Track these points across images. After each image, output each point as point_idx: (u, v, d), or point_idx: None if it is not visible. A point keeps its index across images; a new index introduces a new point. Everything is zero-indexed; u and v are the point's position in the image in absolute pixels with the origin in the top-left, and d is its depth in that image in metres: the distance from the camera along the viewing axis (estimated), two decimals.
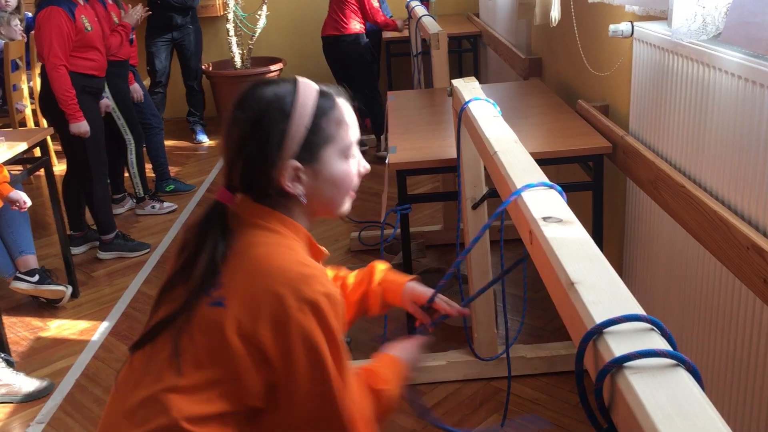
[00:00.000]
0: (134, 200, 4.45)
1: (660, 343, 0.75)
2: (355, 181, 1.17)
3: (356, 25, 4.89)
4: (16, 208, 2.86)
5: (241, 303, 1.04)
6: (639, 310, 0.81)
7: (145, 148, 4.37)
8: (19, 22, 4.91)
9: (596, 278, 0.90)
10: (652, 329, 0.78)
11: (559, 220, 1.10)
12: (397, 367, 1.28)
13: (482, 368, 2.56)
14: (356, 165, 1.17)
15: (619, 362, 0.72)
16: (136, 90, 4.36)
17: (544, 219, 1.10)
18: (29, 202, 2.88)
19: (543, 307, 2.97)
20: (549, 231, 1.06)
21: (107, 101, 4.09)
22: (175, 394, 1.04)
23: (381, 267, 1.47)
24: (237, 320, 1.03)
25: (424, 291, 1.44)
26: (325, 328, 1.04)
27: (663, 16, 2.12)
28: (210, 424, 1.04)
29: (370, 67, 5.08)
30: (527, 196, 1.19)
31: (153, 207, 4.35)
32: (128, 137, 4.13)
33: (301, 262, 1.07)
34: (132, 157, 4.19)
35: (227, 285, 1.06)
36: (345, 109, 1.15)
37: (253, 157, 1.09)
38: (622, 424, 0.71)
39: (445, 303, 1.44)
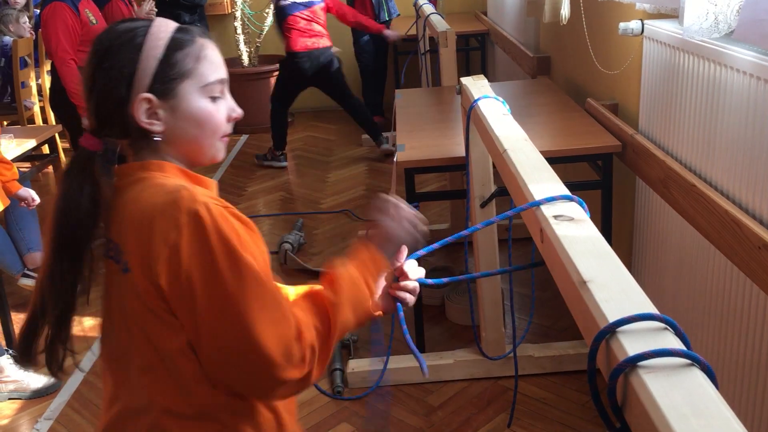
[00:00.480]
0: None
1: (674, 343, 0.75)
2: (223, 124, 1.10)
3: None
4: (25, 206, 2.86)
5: (139, 256, 0.99)
6: (652, 309, 0.81)
7: None
8: (28, 20, 4.91)
9: (608, 277, 0.90)
10: (666, 328, 0.77)
11: (570, 219, 1.09)
12: (366, 267, 1.12)
13: (490, 367, 2.55)
14: (225, 108, 1.10)
15: (633, 361, 0.72)
16: None
17: (555, 217, 1.10)
18: (38, 200, 2.88)
19: (551, 306, 2.96)
20: (560, 229, 1.05)
21: None
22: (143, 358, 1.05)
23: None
24: (142, 269, 0.99)
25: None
26: (211, 238, 0.95)
27: (674, 14, 2.11)
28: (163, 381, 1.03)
29: (339, 77, 4.99)
30: (538, 194, 1.18)
31: None
32: None
33: (166, 191, 1.00)
34: None
35: (125, 248, 1.02)
36: (207, 46, 1.09)
37: (104, 91, 1.04)
38: (636, 423, 0.71)
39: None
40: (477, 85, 2.14)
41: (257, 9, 6.06)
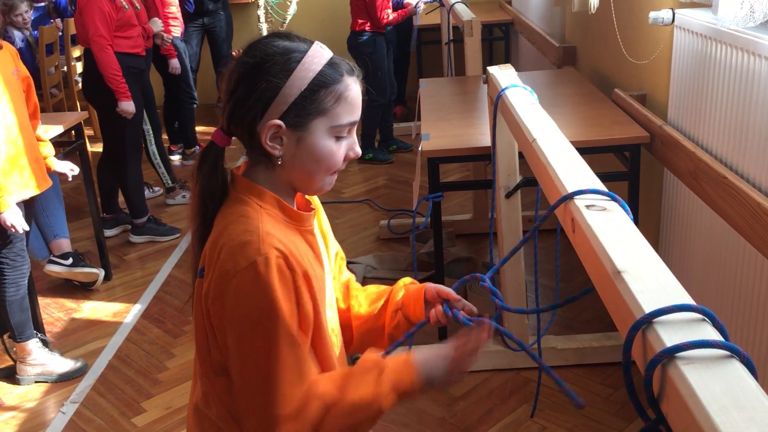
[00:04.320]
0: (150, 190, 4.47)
1: (712, 334, 0.73)
2: (339, 163, 1.11)
3: (359, 22, 4.69)
4: (66, 177, 2.89)
5: (207, 275, 1.06)
6: (689, 300, 0.80)
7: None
8: (27, 10, 4.78)
9: (643, 267, 0.89)
10: (704, 320, 0.76)
11: (603, 209, 1.08)
12: (397, 375, 1.07)
13: (512, 358, 2.54)
14: (345, 147, 1.10)
15: (671, 352, 0.70)
16: (174, 66, 4.55)
17: (588, 207, 1.08)
18: (76, 169, 2.91)
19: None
20: (592, 219, 1.04)
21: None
22: (199, 355, 1.12)
23: (397, 297, 1.30)
24: (205, 292, 1.06)
25: (448, 290, 1.30)
26: (257, 290, 1.01)
27: (706, 3, 2.08)
28: (216, 387, 1.11)
29: (374, 65, 4.71)
30: (570, 184, 1.17)
31: (183, 196, 4.37)
32: (147, 127, 4.13)
33: (241, 230, 1.04)
34: (153, 147, 4.20)
35: (204, 256, 1.08)
36: (350, 87, 1.08)
37: (240, 104, 1.06)
38: (673, 416, 0.70)
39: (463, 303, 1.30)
40: (504, 74, 2.12)
41: None
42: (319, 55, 1.07)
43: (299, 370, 1.04)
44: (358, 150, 1.13)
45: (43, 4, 5.53)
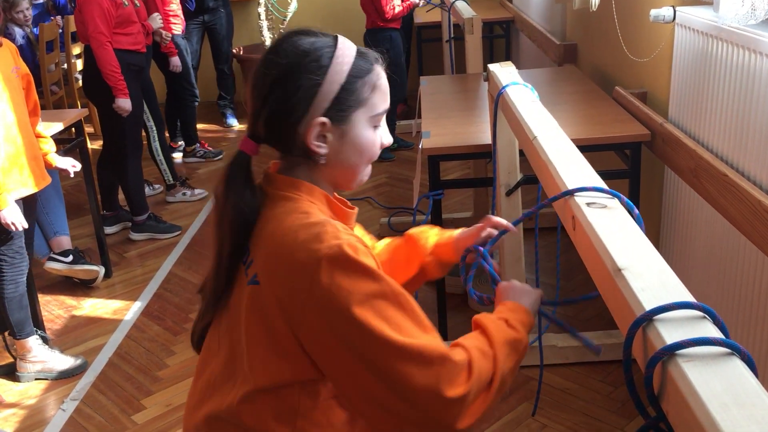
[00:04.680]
0: (152, 187, 4.47)
1: (713, 332, 0.74)
2: (378, 152, 1.11)
3: (371, 20, 4.68)
4: (67, 174, 2.87)
5: (270, 280, 1.00)
6: (690, 298, 0.80)
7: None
8: (27, 7, 4.76)
9: (644, 265, 0.89)
10: (704, 317, 0.76)
11: (603, 206, 1.08)
12: (516, 316, 1.13)
13: None
14: (380, 136, 1.11)
15: (672, 350, 0.71)
16: (175, 64, 4.55)
17: (588, 205, 1.08)
18: (78, 165, 2.89)
19: (575, 296, 2.94)
20: (593, 217, 1.04)
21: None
22: (253, 367, 1.04)
23: (426, 236, 1.36)
24: (274, 297, 0.99)
25: (471, 233, 1.34)
26: (357, 273, 0.95)
27: (707, 1, 2.08)
28: (263, 397, 1.02)
29: (390, 62, 4.75)
30: (570, 181, 1.17)
31: (184, 194, 4.36)
32: (150, 124, 4.12)
33: (309, 224, 1.00)
34: (156, 144, 4.19)
35: (256, 262, 1.03)
36: (381, 75, 1.09)
37: (280, 107, 1.03)
38: (674, 413, 0.70)
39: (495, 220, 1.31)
40: (505, 72, 2.12)
41: None
42: (347, 48, 1.07)
43: (432, 330, 1.00)
44: (390, 137, 1.14)
45: (41, 1, 5.52)
